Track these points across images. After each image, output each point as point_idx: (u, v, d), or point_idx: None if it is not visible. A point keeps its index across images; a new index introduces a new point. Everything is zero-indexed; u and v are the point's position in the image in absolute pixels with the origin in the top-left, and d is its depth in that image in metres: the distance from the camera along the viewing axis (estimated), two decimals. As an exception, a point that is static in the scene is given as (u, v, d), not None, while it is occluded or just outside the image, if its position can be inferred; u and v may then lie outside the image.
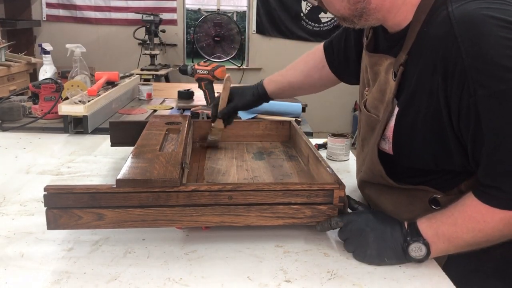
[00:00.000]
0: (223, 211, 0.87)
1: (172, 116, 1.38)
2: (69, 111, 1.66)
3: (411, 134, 0.91)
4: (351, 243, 0.89)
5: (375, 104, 1.00)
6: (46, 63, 2.10)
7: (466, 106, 0.80)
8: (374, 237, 0.86)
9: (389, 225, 0.88)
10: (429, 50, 0.84)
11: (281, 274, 0.83)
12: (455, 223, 0.85)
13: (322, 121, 4.56)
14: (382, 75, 0.97)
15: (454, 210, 0.86)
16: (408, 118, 0.91)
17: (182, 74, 2.02)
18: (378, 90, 0.98)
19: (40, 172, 1.31)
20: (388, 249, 0.86)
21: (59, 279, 0.79)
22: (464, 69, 0.78)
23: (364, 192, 1.14)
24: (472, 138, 0.82)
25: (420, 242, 0.85)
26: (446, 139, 0.87)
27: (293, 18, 5.11)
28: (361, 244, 0.87)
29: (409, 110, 0.90)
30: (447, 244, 0.85)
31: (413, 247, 0.85)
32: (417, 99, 0.88)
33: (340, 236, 0.91)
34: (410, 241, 0.85)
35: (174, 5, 4.99)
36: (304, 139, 1.25)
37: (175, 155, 0.98)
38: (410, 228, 0.87)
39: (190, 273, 0.82)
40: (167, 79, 4.68)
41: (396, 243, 0.86)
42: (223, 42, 5.06)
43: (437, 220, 0.86)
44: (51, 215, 0.84)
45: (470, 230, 0.84)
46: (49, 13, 4.93)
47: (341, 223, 0.90)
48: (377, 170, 0.99)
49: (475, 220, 0.83)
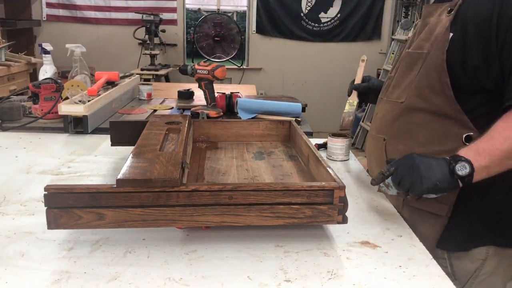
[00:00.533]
0: (223, 211, 0.87)
1: (172, 116, 1.38)
2: (69, 111, 1.66)
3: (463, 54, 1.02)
4: (406, 180, 0.96)
5: (420, 44, 1.13)
6: (46, 63, 2.10)
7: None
8: (424, 168, 0.95)
9: (432, 157, 0.98)
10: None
11: (281, 274, 0.83)
12: (491, 137, 0.96)
13: (322, 121, 4.56)
14: (432, 20, 1.12)
15: (490, 131, 0.97)
16: (461, 41, 1.03)
17: (182, 74, 2.01)
18: (427, 31, 1.12)
19: (40, 172, 1.31)
20: (438, 174, 0.94)
21: (59, 279, 0.79)
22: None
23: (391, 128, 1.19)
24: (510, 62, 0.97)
25: (462, 160, 0.94)
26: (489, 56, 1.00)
27: (293, 18, 5.11)
28: (415, 177, 0.95)
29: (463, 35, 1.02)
30: (488, 158, 0.95)
31: (458, 166, 0.94)
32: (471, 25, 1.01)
33: (394, 178, 0.99)
34: (453, 162, 0.95)
35: (174, 5, 4.99)
36: (304, 139, 1.25)
37: (175, 155, 0.98)
38: (451, 156, 0.96)
39: (190, 273, 0.82)
40: (167, 79, 4.68)
41: (444, 167, 0.95)
42: (223, 42, 5.06)
43: (476, 142, 0.98)
44: (51, 214, 0.84)
45: (506, 138, 0.95)
46: (49, 13, 4.93)
47: (392, 168, 0.99)
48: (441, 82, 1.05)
49: (508, 128, 0.95)
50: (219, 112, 1.94)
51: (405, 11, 5.05)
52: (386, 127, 1.20)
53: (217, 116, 1.92)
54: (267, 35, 5.16)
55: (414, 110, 1.12)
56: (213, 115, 1.90)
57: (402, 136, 1.15)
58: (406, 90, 1.14)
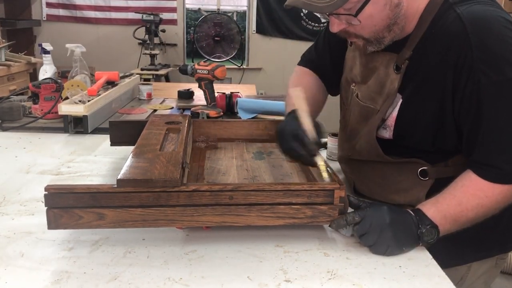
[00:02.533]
0: (223, 211, 0.87)
1: (172, 115, 1.38)
2: (69, 111, 1.66)
3: (414, 121, 1.01)
4: (370, 238, 0.90)
5: (371, 96, 1.08)
6: (46, 63, 2.10)
7: (470, 92, 0.92)
8: (393, 231, 0.89)
9: (403, 216, 0.92)
10: (441, 47, 0.95)
11: (281, 274, 0.83)
12: (459, 203, 0.93)
13: (322, 121, 4.55)
14: (381, 70, 1.05)
15: (455, 191, 0.94)
16: (412, 108, 1.01)
17: (182, 74, 2.01)
18: (377, 83, 1.06)
19: (40, 172, 1.31)
20: (407, 239, 0.91)
21: (59, 279, 0.79)
22: (472, 60, 0.90)
23: (351, 171, 1.19)
24: (470, 121, 0.94)
25: (431, 226, 0.91)
26: (444, 124, 0.98)
27: (293, 18, 5.11)
28: (381, 238, 0.89)
29: (414, 100, 1.00)
30: (452, 224, 0.93)
31: (426, 232, 0.91)
32: (424, 90, 0.98)
33: (358, 231, 0.91)
34: (422, 227, 0.91)
35: (174, 5, 4.99)
36: (304, 139, 1.25)
37: (176, 154, 0.98)
38: (418, 215, 0.92)
39: (190, 273, 0.82)
40: (167, 79, 4.68)
41: (412, 232, 0.91)
42: (223, 42, 5.06)
43: (443, 204, 0.93)
44: (51, 215, 0.83)
45: (474, 207, 0.92)
46: (49, 13, 4.93)
47: (357, 218, 0.91)
48: (375, 154, 1.07)
49: (477, 197, 0.93)
50: (219, 112, 1.94)
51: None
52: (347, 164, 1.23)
53: (217, 116, 1.92)
54: (267, 35, 5.16)
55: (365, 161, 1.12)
56: (213, 115, 1.90)
57: (361, 179, 1.17)
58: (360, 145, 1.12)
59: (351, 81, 1.17)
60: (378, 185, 1.10)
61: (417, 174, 1.05)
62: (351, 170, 1.21)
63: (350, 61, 1.18)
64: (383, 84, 1.04)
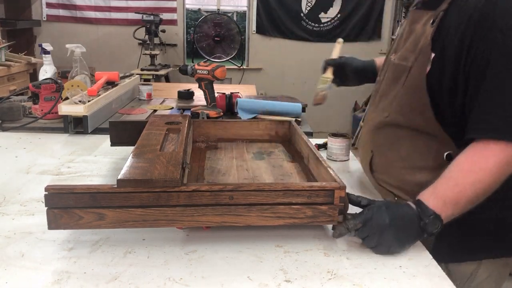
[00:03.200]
0: (224, 211, 0.87)
1: (172, 116, 1.38)
2: (69, 111, 1.66)
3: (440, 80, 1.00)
4: (372, 240, 0.90)
5: (405, 55, 1.09)
6: (46, 63, 2.10)
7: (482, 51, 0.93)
8: (394, 230, 0.88)
9: (403, 213, 0.91)
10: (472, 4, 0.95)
11: (281, 274, 0.83)
12: (456, 183, 0.91)
13: (322, 121, 4.56)
14: (418, 29, 1.07)
15: (451, 173, 0.93)
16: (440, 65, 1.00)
17: (182, 74, 2.01)
18: (412, 41, 1.08)
19: (40, 172, 1.31)
20: (410, 237, 0.90)
21: (59, 279, 0.79)
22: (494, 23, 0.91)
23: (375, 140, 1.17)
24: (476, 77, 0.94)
25: (433, 217, 0.89)
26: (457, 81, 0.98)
27: (293, 18, 5.11)
28: (383, 239, 0.88)
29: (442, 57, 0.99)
30: (454, 207, 0.91)
31: (430, 224, 0.89)
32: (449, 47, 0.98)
33: (360, 235, 0.91)
34: (425, 219, 0.89)
35: (174, 5, 4.99)
36: (304, 139, 1.25)
37: (176, 155, 0.98)
38: (420, 207, 0.91)
39: (190, 273, 0.82)
40: (167, 79, 4.68)
41: (415, 227, 0.90)
42: (223, 42, 5.06)
43: (441, 189, 0.92)
44: (52, 215, 0.84)
45: (471, 184, 0.91)
46: (49, 13, 4.93)
47: (359, 224, 0.90)
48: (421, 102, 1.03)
49: (473, 172, 0.91)
50: (219, 112, 1.94)
51: (405, 11, 5.04)
52: (371, 138, 1.19)
53: (217, 116, 1.92)
54: (267, 35, 5.16)
55: (397, 125, 1.10)
56: (213, 115, 1.90)
57: (385, 148, 1.14)
58: (390, 104, 1.12)
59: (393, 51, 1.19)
60: (402, 159, 1.08)
61: (444, 157, 1.02)
62: (375, 138, 1.17)
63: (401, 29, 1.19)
64: (418, 42, 1.05)
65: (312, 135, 1.75)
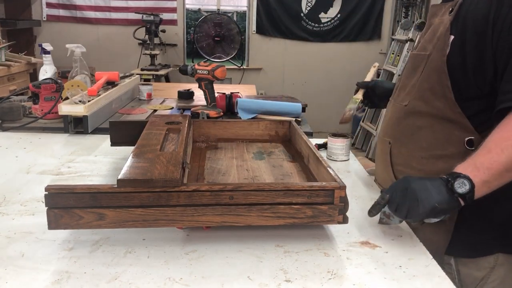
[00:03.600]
0: (224, 211, 0.87)
1: (172, 116, 1.38)
2: (69, 111, 1.66)
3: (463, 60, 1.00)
4: (402, 208, 0.92)
5: (424, 45, 1.11)
6: (46, 63, 2.10)
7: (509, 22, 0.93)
8: (420, 190, 0.90)
9: (426, 179, 0.93)
10: None
11: (281, 274, 0.83)
12: (489, 149, 0.91)
13: (322, 121, 4.56)
14: (436, 21, 1.10)
15: (486, 142, 0.93)
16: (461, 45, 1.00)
17: (182, 74, 2.02)
18: (430, 32, 1.10)
19: (40, 172, 1.31)
20: (435, 196, 0.89)
21: (59, 279, 0.79)
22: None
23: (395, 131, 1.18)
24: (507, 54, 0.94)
25: (461, 177, 0.90)
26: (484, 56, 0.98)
27: (293, 18, 5.11)
28: (411, 202, 0.90)
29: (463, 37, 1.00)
30: (487, 173, 0.90)
31: (457, 183, 0.89)
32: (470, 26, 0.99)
33: (390, 207, 0.94)
34: (451, 180, 0.90)
35: (174, 5, 4.99)
36: (304, 139, 1.25)
37: (176, 155, 0.98)
38: (449, 173, 0.92)
39: (190, 273, 0.82)
40: (167, 79, 4.68)
41: (441, 187, 0.90)
42: (223, 42, 5.06)
43: (473, 156, 0.93)
44: (52, 215, 0.84)
45: (503, 149, 0.90)
46: (49, 13, 4.93)
47: (387, 195, 0.94)
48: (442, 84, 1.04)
49: (504, 138, 0.91)
50: (219, 112, 1.94)
51: (405, 11, 5.05)
52: (391, 130, 1.20)
53: (217, 116, 1.92)
54: (267, 35, 5.16)
55: (417, 113, 1.11)
56: (213, 115, 1.90)
57: (405, 139, 1.15)
58: (409, 93, 1.14)
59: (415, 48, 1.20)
60: (423, 149, 1.09)
61: (465, 143, 1.02)
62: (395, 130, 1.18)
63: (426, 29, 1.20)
64: (436, 31, 1.07)
65: (312, 135, 1.75)
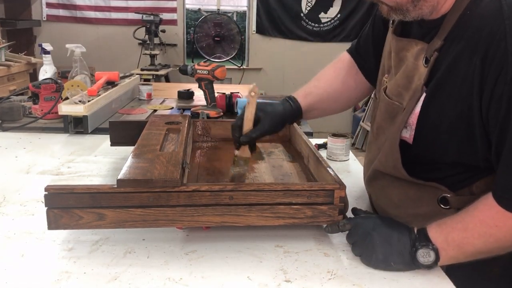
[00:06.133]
0: (224, 211, 0.87)
1: (172, 116, 1.38)
2: (69, 111, 1.66)
3: (437, 121, 0.87)
4: (358, 247, 0.88)
5: (398, 91, 0.95)
6: (46, 63, 2.10)
7: (500, 93, 0.77)
8: (380, 241, 0.85)
9: (397, 229, 0.86)
10: (472, 31, 0.80)
11: (281, 274, 0.83)
12: (466, 228, 0.82)
13: (322, 121, 4.55)
14: (410, 61, 0.92)
15: (465, 215, 0.84)
16: (436, 104, 0.87)
17: (182, 74, 2.02)
18: (404, 77, 0.93)
19: (40, 172, 1.31)
20: (394, 254, 0.84)
21: (59, 279, 0.79)
22: (506, 52, 0.75)
23: (371, 184, 1.09)
24: (499, 128, 0.79)
25: (429, 247, 0.82)
26: (473, 129, 0.83)
27: (293, 18, 5.11)
28: (367, 248, 0.86)
29: (438, 95, 0.86)
30: (457, 250, 0.83)
31: (421, 252, 0.82)
32: (448, 84, 0.84)
33: (348, 239, 0.91)
34: (418, 246, 0.82)
35: (174, 5, 4.99)
36: (304, 139, 1.25)
37: (176, 155, 0.98)
38: (419, 234, 0.85)
39: (190, 273, 0.82)
40: (167, 79, 4.68)
41: (404, 248, 0.83)
42: (223, 42, 5.06)
43: (447, 226, 0.84)
44: (51, 215, 0.84)
45: (481, 235, 0.81)
46: (49, 13, 4.93)
47: (348, 225, 0.89)
48: (394, 159, 0.94)
49: (486, 224, 0.81)
50: (219, 112, 1.94)
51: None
52: (367, 180, 1.11)
53: (217, 116, 1.92)
54: (267, 35, 5.16)
55: (385, 173, 1.00)
56: (213, 115, 1.90)
57: (379, 194, 1.07)
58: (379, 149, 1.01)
59: (386, 71, 1.04)
60: (395, 207, 0.99)
61: (437, 200, 0.92)
62: (370, 183, 1.09)
63: (388, 46, 1.03)
64: (411, 79, 0.91)
65: (312, 135, 1.75)
